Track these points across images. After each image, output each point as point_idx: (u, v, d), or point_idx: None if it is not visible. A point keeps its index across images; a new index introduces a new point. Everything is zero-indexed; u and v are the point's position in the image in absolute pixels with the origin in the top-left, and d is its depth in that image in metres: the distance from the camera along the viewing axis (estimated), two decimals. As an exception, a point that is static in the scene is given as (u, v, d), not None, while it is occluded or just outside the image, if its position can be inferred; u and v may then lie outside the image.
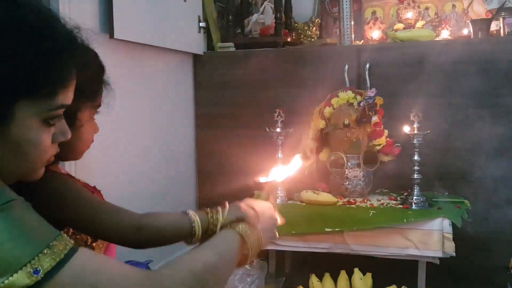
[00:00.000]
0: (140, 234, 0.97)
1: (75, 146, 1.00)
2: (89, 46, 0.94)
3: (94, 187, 1.13)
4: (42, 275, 0.62)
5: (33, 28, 0.69)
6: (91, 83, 0.95)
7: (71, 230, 0.97)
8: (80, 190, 0.97)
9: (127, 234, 0.97)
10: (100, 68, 1.01)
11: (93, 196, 0.99)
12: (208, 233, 1.00)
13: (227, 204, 1.02)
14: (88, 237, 1.02)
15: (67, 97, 0.75)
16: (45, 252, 0.63)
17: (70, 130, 0.87)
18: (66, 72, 0.73)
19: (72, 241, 0.68)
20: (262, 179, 1.11)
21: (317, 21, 2.79)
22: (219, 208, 1.01)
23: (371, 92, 1.93)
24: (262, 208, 1.04)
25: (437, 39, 2.28)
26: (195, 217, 1.00)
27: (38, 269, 0.62)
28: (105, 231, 0.97)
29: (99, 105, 1.03)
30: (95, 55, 0.99)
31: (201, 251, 0.85)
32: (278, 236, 1.07)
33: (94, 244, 1.04)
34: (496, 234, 2.00)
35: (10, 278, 0.60)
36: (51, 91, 0.71)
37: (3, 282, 0.60)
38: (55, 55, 0.71)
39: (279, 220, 1.07)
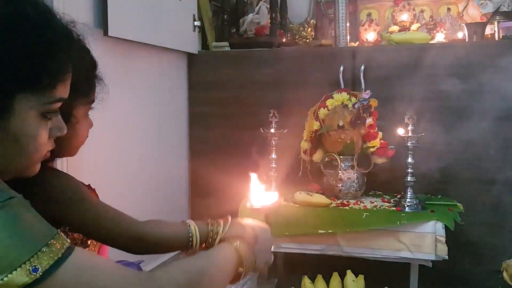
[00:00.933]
0: (139, 243, 0.99)
1: (71, 142, 1.00)
2: (84, 41, 0.94)
3: (89, 185, 1.12)
4: (40, 273, 0.62)
5: (33, 22, 0.70)
6: (85, 79, 0.95)
7: (67, 227, 0.97)
8: (84, 192, 0.98)
9: (127, 241, 0.98)
10: (93, 64, 1.01)
11: (96, 200, 1.00)
12: (206, 244, 1.03)
13: (229, 218, 1.04)
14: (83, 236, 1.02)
15: (65, 91, 0.76)
16: (44, 250, 0.64)
17: (66, 127, 0.86)
18: (64, 65, 0.74)
19: (69, 240, 0.68)
20: (256, 203, 1.13)
21: (312, 22, 2.79)
22: (221, 221, 1.04)
23: (366, 94, 1.92)
24: (260, 230, 1.05)
25: (432, 42, 2.28)
26: (195, 230, 1.02)
27: (37, 267, 0.62)
28: (105, 236, 0.98)
29: (93, 101, 1.03)
30: (88, 51, 0.98)
31: (197, 258, 0.87)
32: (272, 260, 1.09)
33: (89, 241, 1.04)
34: (487, 237, 2.01)
35: (9, 276, 0.60)
36: (50, 84, 0.72)
37: (2, 280, 0.60)
38: (54, 49, 0.72)
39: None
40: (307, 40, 2.75)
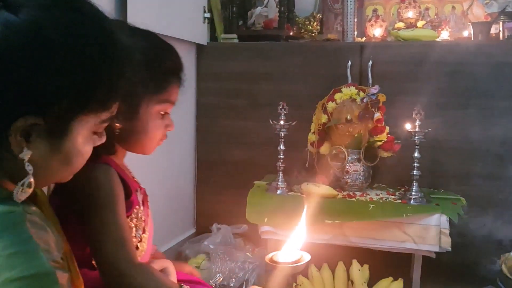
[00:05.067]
0: (122, 282, 0.90)
1: (140, 139, 1.01)
2: (164, 45, 1.00)
3: (141, 187, 1.11)
4: None
5: (98, 45, 0.68)
6: (153, 77, 0.96)
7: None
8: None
9: (110, 273, 0.90)
10: (170, 65, 1.02)
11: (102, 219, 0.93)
12: None
13: None
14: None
15: (116, 108, 0.75)
16: None
17: (131, 122, 0.92)
18: (122, 87, 0.72)
19: None
20: (281, 258, 1.00)
21: (318, 16, 2.82)
22: None
23: (374, 89, 1.97)
24: None
25: (437, 39, 2.32)
26: None
27: None
28: (97, 261, 0.92)
29: (168, 101, 1.03)
30: (171, 51, 1.02)
31: None
32: None
33: None
34: (487, 231, 2.07)
35: None
36: (108, 106, 0.71)
37: None
38: (116, 73, 0.70)
39: None
40: (313, 34, 2.78)
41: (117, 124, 0.94)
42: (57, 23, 0.65)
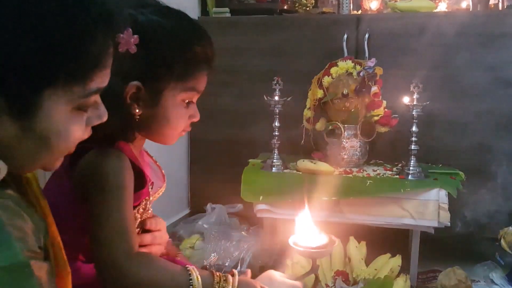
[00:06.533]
0: (116, 274, 0.84)
1: (162, 129, 0.94)
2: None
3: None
4: None
5: (63, 1, 0.58)
6: (183, 62, 0.89)
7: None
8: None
9: (105, 263, 0.84)
10: (202, 50, 0.92)
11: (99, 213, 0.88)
12: None
13: (236, 276, 0.93)
14: None
15: (104, 79, 0.64)
16: None
17: (152, 108, 0.86)
18: (102, 52, 0.62)
19: None
20: (303, 242, 0.98)
21: (313, -11, 2.75)
22: (229, 279, 0.91)
23: (371, 62, 1.91)
24: None
25: (435, 10, 2.27)
26: (198, 282, 0.88)
27: None
28: (92, 245, 0.86)
29: (195, 89, 0.95)
30: (204, 36, 0.93)
31: None
32: None
33: None
34: (486, 206, 2.04)
35: None
36: (84, 76, 0.61)
37: None
38: (89, 33, 0.60)
39: None
40: (307, 8, 2.71)
41: (137, 110, 0.89)
42: None
